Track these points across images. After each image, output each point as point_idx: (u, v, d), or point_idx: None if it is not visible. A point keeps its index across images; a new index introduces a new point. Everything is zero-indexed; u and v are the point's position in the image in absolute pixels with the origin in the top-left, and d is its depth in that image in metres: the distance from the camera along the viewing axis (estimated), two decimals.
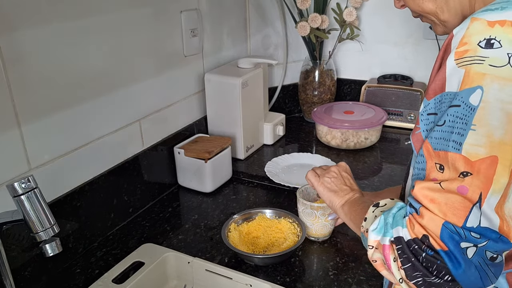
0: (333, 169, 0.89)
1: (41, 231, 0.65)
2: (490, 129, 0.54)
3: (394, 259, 0.59)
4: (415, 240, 0.57)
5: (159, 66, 1.17)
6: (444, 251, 0.55)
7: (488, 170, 0.54)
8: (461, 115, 0.55)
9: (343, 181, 0.86)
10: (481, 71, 0.54)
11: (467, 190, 0.55)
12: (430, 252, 0.56)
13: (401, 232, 0.59)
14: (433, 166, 0.58)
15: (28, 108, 0.85)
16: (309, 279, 0.90)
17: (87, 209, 0.99)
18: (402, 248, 0.58)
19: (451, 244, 0.55)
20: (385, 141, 1.48)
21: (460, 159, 0.55)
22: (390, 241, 0.60)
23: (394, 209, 0.64)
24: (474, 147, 0.54)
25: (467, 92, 0.55)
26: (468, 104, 0.55)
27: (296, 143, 1.51)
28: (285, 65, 1.66)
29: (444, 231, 0.55)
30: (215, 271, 0.91)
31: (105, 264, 0.96)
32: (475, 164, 0.54)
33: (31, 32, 0.83)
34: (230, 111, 1.32)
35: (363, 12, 1.60)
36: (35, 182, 0.65)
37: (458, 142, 0.55)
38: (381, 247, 0.61)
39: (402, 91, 1.54)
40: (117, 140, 1.07)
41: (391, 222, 0.62)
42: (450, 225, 0.55)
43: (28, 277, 0.88)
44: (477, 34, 0.55)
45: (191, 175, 1.22)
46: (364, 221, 0.69)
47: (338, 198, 0.83)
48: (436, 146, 0.58)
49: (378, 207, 0.69)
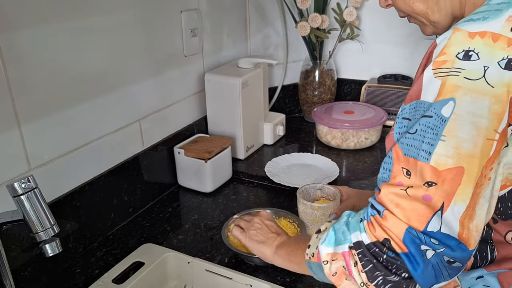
0: (256, 220, 0.88)
1: (41, 231, 0.65)
2: (458, 141, 0.55)
3: (355, 264, 0.61)
4: (375, 243, 0.59)
5: (159, 66, 1.17)
6: (404, 253, 0.57)
7: (453, 180, 0.55)
8: (433, 125, 0.56)
9: (268, 229, 0.85)
10: (456, 83, 0.55)
11: (431, 199, 0.56)
12: (391, 254, 0.58)
13: (359, 237, 0.61)
14: (400, 170, 0.60)
15: (28, 108, 0.85)
16: (309, 279, 0.90)
17: (87, 209, 0.99)
18: (362, 251, 0.60)
19: (412, 247, 0.57)
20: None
21: (427, 168, 0.57)
22: (349, 247, 0.61)
23: (343, 218, 0.66)
24: (443, 157, 0.56)
25: (440, 104, 0.56)
26: (440, 116, 0.56)
27: (296, 143, 1.51)
28: (285, 65, 1.66)
29: (407, 235, 0.57)
30: (215, 271, 0.91)
31: (105, 264, 0.96)
32: (441, 174, 0.56)
33: (31, 32, 0.83)
34: (230, 111, 1.32)
35: (363, 12, 1.60)
36: (35, 182, 0.65)
37: (428, 152, 0.57)
38: (339, 256, 0.62)
39: (402, 91, 1.54)
40: (117, 140, 1.07)
41: (347, 229, 0.63)
42: (413, 230, 0.57)
43: (28, 277, 0.88)
44: (457, 45, 0.56)
45: (191, 175, 1.22)
46: (308, 248, 0.69)
47: (267, 247, 0.82)
48: (407, 152, 0.59)
49: (320, 232, 0.70)
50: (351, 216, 0.66)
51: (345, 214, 0.67)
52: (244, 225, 0.89)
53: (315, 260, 0.67)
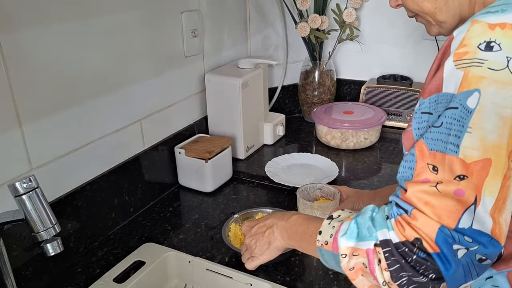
0: (247, 241, 0.84)
1: (42, 231, 0.65)
2: (484, 132, 0.54)
3: (379, 262, 0.58)
4: (405, 242, 0.57)
5: (160, 66, 1.18)
6: (436, 253, 0.55)
7: (481, 173, 0.54)
8: (459, 117, 0.55)
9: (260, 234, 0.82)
10: (479, 74, 0.54)
11: (464, 193, 0.55)
12: (422, 254, 0.56)
13: (387, 235, 0.58)
14: (425, 167, 0.58)
15: (30, 108, 0.85)
16: (309, 278, 0.90)
17: (88, 209, 1.00)
18: (390, 251, 0.57)
19: (444, 247, 0.55)
20: (385, 141, 1.49)
21: (457, 162, 0.55)
22: (375, 245, 0.59)
23: (367, 213, 0.63)
24: (470, 150, 0.54)
25: (465, 95, 0.55)
26: (465, 107, 0.55)
27: (296, 143, 1.51)
28: (285, 65, 1.66)
29: (440, 235, 0.55)
30: (215, 271, 0.91)
31: (106, 264, 0.96)
32: (470, 166, 0.54)
33: (33, 32, 0.84)
34: (231, 111, 1.32)
35: (363, 13, 1.60)
36: (36, 182, 0.65)
37: (455, 145, 0.55)
38: (362, 252, 0.60)
39: (401, 91, 1.54)
40: (118, 140, 1.07)
41: (372, 225, 0.61)
42: (446, 229, 0.55)
43: (30, 276, 0.88)
44: (477, 37, 0.55)
45: (192, 175, 1.22)
46: (319, 235, 0.67)
47: (277, 243, 0.79)
48: (433, 147, 0.58)
49: (333, 219, 0.68)
50: (375, 212, 0.63)
51: (369, 208, 0.64)
52: (248, 254, 0.84)
53: (328, 249, 0.65)
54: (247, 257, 0.84)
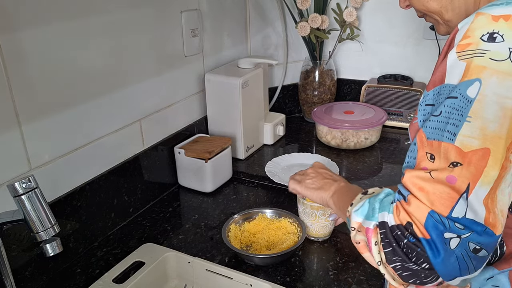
0: (310, 170, 0.91)
1: (42, 231, 0.65)
2: (484, 122, 0.54)
3: (376, 242, 0.60)
4: (398, 226, 0.58)
5: (160, 66, 1.18)
6: (425, 239, 0.56)
7: (479, 162, 0.55)
8: (458, 106, 0.56)
9: (323, 176, 0.88)
10: (481, 64, 0.54)
11: (456, 180, 0.55)
12: (412, 239, 0.57)
13: (386, 217, 0.60)
14: (424, 155, 0.59)
15: (29, 108, 0.85)
16: (309, 279, 0.90)
17: (87, 209, 0.99)
18: (385, 232, 0.59)
19: (433, 233, 0.56)
20: (385, 141, 1.49)
21: (452, 149, 0.56)
22: (375, 225, 0.61)
23: (381, 195, 0.65)
24: (468, 139, 0.55)
25: (465, 84, 0.55)
26: (465, 96, 0.55)
27: (296, 143, 1.51)
28: (285, 65, 1.66)
29: (429, 219, 0.56)
30: (215, 271, 0.91)
31: (106, 264, 0.96)
32: (467, 155, 0.55)
33: (32, 32, 0.83)
34: (230, 111, 1.32)
35: (363, 12, 1.60)
36: (35, 182, 0.65)
37: (452, 133, 0.56)
38: (364, 230, 0.63)
39: (402, 91, 1.54)
40: (118, 140, 1.07)
41: (378, 207, 0.63)
42: (436, 214, 0.56)
43: (29, 276, 0.88)
44: (481, 28, 0.56)
45: (192, 175, 1.22)
46: (350, 206, 0.69)
47: (325, 192, 0.84)
48: (430, 135, 0.59)
49: (366, 194, 0.69)
50: (388, 195, 0.65)
51: (384, 191, 0.66)
52: (299, 178, 0.90)
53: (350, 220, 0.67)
54: (297, 178, 0.90)
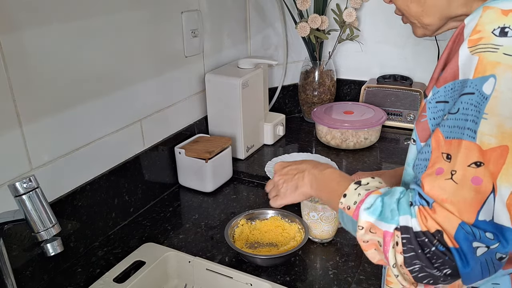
0: (276, 178, 0.85)
1: (43, 231, 0.66)
2: (501, 119, 0.53)
3: (394, 245, 0.58)
4: (425, 233, 0.56)
5: (160, 66, 1.18)
6: (455, 249, 0.54)
7: (498, 160, 0.53)
8: (475, 102, 0.55)
9: (290, 175, 0.82)
10: (494, 59, 0.54)
11: (481, 181, 0.54)
12: (441, 247, 0.55)
13: (410, 222, 0.57)
14: (439, 156, 0.57)
15: (30, 108, 0.85)
16: (309, 278, 0.90)
17: (88, 209, 1.00)
18: (409, 238, 0.57)
19: (464, 244, 0.54)
20: (385, 141, 1.49)
21: (474, 148, 0.54)
22: (395, 228, 0.58)
23: (395, 194, 0.62)
24: (486, 136, 0.54)
25: (480, 80, 0.54)
26: (481, 92, 0.54)
27: (296, 143, 1.51)
28: (285, 65, 1.66)
29: (460, 231, 0.54)
30: (215, 271, 0.91)
31: (106, 264, 0.96)
32: (486, 153, 0.54)
33: (33, 33, 0.84)
34: (231, 111, 1.32)
35: (363, 13, 1.60)
36: (36, 182, 0.65)
37: (473, 130, 0.54)
38: (378, 231, 0.60)
39: (401, 91, 1.55)
40: (118, 140, 1.07)
41: (396, 208, 0.60)
42: (467, 225, 0.54)
43: (30, 276, 0.88)
44: (491, 23, 0.55)
45: (192, 175, 1.22)
46: (344, 197, 0.67)
47: (302, 188, 0.80)
48: (449, 134, 0.57)
49: (360, 185, 0.67)
50: (402, 195, 0.62)
51: (398, 190, 0.63)
52: (274, 192, 0.85)
53: (349, 214, 0.65)
54: (273, 194, 0.85)
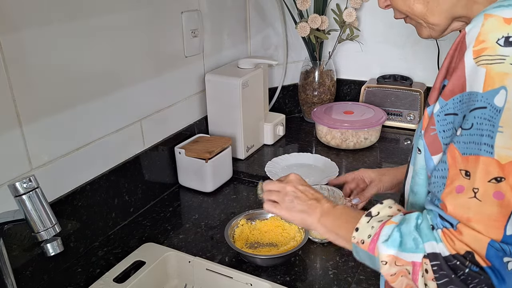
0: (289, 188, 0.78)
1: (43, 231, 0.65)
2: None
3: (423, 274, 0.57)
4: (455, 256, 0.55)
5: (160, 66, 1.18)
6: (489, 267, 0.54)
7: None
8: (488, 116, 0.53)
9: (305, 195, 0.77)
10: (502, 70, 0.52)
11: (504, 196, 0.53)
12: (475, 268, 0.54)
13: (437, 248, 0.56)
14: (457, 173, 0.56)
15: (30, 108, 0.85)
16: (309, 278, 0.90)
17: (88, 209, 1.00)
18: (439, 264, 0.56)
19: (496, 262, 0.54)
20: (385, 141, 1.49)
21: (493, 163, 0.53)
22: (423, 257, 0.57)
23: (412, 222, 0.61)
24: (504, 150, 0.53)
25: (491, 94, 0.53)
26: (493, 106, 0.53)
27: (296, 143, 1.51)
28: (285, 65, 1.66)
29: (490, 249, 0.53)
30: (215, 271, 0.91)
31: (106, 264, 0.96)
32: (505, 167, 0.53)
33: (33, 33, 0.84)
34: (231, 111, 1.32)
35: (363, 13, 1.60)
36: (36, 182, 0.65)
37: (490, 145, 0.53)
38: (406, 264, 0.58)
39: (401, 91, 1.55)
40: (118, 140, 1.07)
41: (418, 236, 0.59)
42: (496, 243, 0.53)
43: (30, 276, 0.88)
44: (494, 32, 0.54)
45: (192, 175, 1.22)
46: (356, 231, 0.65)
47: (310, 216, 0.75)
48: (465, 151, 0.56)
49: (372, 217, 0.66)
50: (420, 219, 0.60)
51: (413, 216, 0.61)
52: (277, 197, 0.79)
53: (364, 248, 0.63)
54: (274, 199, 0.79)
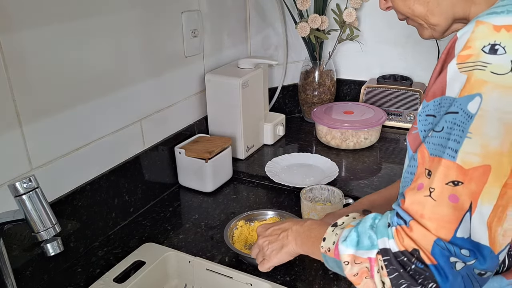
0: (260, 241, 0.82)
1: (43, 231, 0.65)
2: (486, 138, 0.53)
3: (378, 270, 0.59)
4: (403, 252, 0.57)
5: (160, 66, 1.18)
6: (433, 265, 0.55)
7: (480, 179, 0.53)
8: (459, 122, 0.54)
9: (274, 235, 0.81)
10: (482, 78, 0.53)
11: (458, 199, 0.54)
12: (420, 265, 0.56)
13: (387, 244, 0.59)
14: (423, 172, 0.58)
15: (30, 108, 0.85)
16: (309, 278, 0.90)
17: (88, 209, 1.00)
18: (389, 259, 0.58)
19: (441, 260, 0.55)
20: (385, 141, 1.49)
21: (453, 167, 0.54)
22: (377, 253, 0.60)
23: (368, 222, 0.63)
24: (469, 155, 0.53)
25: (466, 99, 0.54)
26: (466, 112, 0.54)
27: (296, 143, 1.51)
28: (285, 65, 1.66)
29: (436, 247, 0.55)
30: (215, 271, 0.91)
31: (106, 264, 0.96)
32: (468, 172, 0.54)
33: (33, 33, 0.84)
34: (231, 111, 1.32)
35: (363, 13, 1.60)
36: (36, 182, 0.65)
37: (454, 150, 0.54)
38: (362, 260, 0.61)
39: (401, 91, 1.55)
40: (118, 140, 1.07)
41: (373, 233, 0.61)
42: (442, 242, 0.55)
43: (30, 276, 0.88)
44: (482, 39, 0.54)
45: (192, 175, 1.22)
46: (323, 241, 0.68)
47: (288, 246, 0.78)
48: (433, 151, 0.57)
49: (337, 226, 0.68)
50: (378, 219, 0.63)
51: (370, 217, 0.64)
52: (260, 256, 0.83)
53: (331, 255, 0.65)
54: (260, 259, 0.83)
